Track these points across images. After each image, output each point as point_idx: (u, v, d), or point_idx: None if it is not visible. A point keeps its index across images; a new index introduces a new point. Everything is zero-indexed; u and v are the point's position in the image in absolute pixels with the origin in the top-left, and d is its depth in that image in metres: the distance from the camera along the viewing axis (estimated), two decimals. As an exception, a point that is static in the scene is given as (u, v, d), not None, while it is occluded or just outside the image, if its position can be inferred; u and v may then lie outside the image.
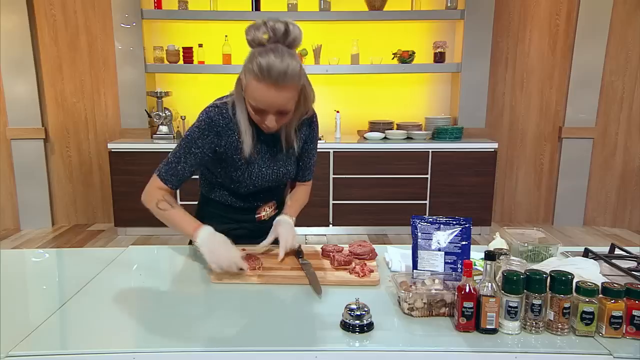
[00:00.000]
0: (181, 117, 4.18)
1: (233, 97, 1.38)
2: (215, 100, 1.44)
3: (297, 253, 1.41)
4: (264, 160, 1.47)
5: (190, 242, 1.61)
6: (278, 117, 1.31)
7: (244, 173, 1.44)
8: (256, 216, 1.56)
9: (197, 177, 1.61)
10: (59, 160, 4.30)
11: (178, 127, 4.18)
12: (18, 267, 1.50)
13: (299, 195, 1.62)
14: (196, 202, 1.69)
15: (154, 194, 1.43)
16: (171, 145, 3.86)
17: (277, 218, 1.48)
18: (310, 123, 1.55)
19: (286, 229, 1.42)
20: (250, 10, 4.00)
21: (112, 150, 3.88)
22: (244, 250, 1.39)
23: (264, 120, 1.32)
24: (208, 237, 1.31)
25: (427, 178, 3.95)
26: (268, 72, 1.21)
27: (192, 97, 4.27)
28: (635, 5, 3.99)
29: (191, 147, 1.39)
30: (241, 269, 1.28)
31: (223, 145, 1.40)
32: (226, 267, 1.25)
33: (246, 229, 1.56)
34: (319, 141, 1.70)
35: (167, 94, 4.07)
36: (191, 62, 4.09)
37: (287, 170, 1.52)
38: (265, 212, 1.56)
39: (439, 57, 4.12)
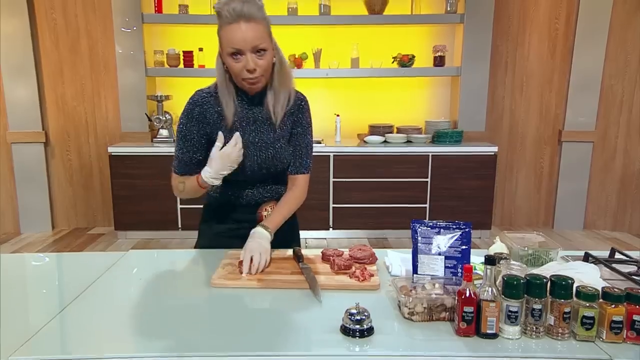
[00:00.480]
0: (181, 120, 4.18)
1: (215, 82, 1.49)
2: None
3: (297, 257, 1.41)
4: (253, 142, 1.49)
5: (197, 247, 1.65)
6: (257, 57, 1.36)
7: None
8: (257, 214, 1.56)
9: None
10: (59, 163, 4.30)
11: (178, 131, 4.18)
12: (18, 271, 1.50)
13: (289, 199, 1.56)
14: (201, 206, 1.69)
15: (175, 184, 1.55)
16: (171, 149, 3.85)
17: (253, 230, 1.43)
18: (298, 107, 1.55)
19: (256, 243, 1.37)
20: (251, 14, 4.01)
21: (113, 153, 3.88)
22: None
23: (245, 65, 1.35)
24: (206, 169, 1.43)
25: (427, 182, 3.96)
26: (233, 10, 1.31)
27: (192, 101, 4.27)
28: (635, 8, 3.99)
29: (185, 134, 1.48)
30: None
31: (210, 124, 1.47)
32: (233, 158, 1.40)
33: (247, 229, 1.55)
34: (318, 144, 1.71)
35: (167, 97, 4.08)
36: (191, 65, 4.10)
37: (277, 153, 1.51)
38: (266, 211, 1.56)
39: (439, 61, 4.13)
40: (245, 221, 1.54)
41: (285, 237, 1.55)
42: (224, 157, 1.41)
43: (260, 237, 1.39)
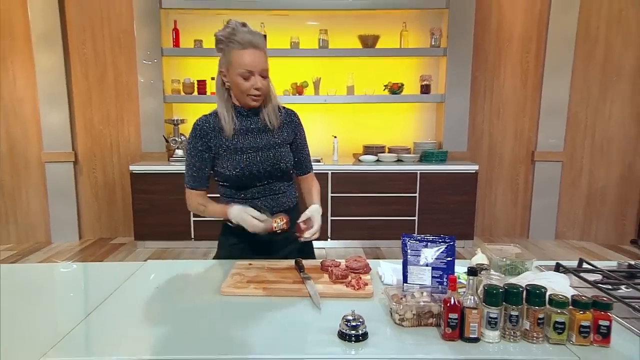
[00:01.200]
0: (196, 142, 4.19)
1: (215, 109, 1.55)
2: None
3: (299, 267, 1.41)
4: (252, 147, 1.52)
5: (216, 257, 1.64)
6: (261, 79, 1.45)
7: (238, 158, 1.50)
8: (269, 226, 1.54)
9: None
10: (86, 180, 4.31)
11: (193, 151, 4.19)
12: (48, 279, 1.50)
13: (312, 185, 1.69)
14: (212, 219, 1.70)
15: (192, 202, 1.60)
16: (187, 167, 3.86)
17: (311, 207, 1.53)
18: (294, 119, 1.63)
19: (318, 215, 1.51)
20: (258, 48, 4.05)
21: (134, 171, 3.89)
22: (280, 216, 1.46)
23: (254, 85, 1.44)
24: (235, 211, 1.47)
25: (416, 197, 3.96)
26: (248, 40, 1.42)
27: (205, 125, 4.29)
28: (594, 45, 4.06)
29: (192, 152, 1.54)
30: (265, 223, 1.42)
31: (212, 139, 1.52)
32: (249, 221, 1.42)
33: (261, 242, 1.55)
34: (318, 162, 1.75)
35: (182, 121, 4.10)
36: (204, 93, 4.13)
37: (277, 153, 1.55)
38: (276, 223, 1.52)
39: (425, 89, 4.17)
40: (257, 233, 1.54)
41: (302, 249, 1.58)
42: (245, 221, 1.44)
43: (318, 212, 1.53)
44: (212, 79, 4.11)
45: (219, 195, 1.63)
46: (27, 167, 4.20)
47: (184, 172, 1.60)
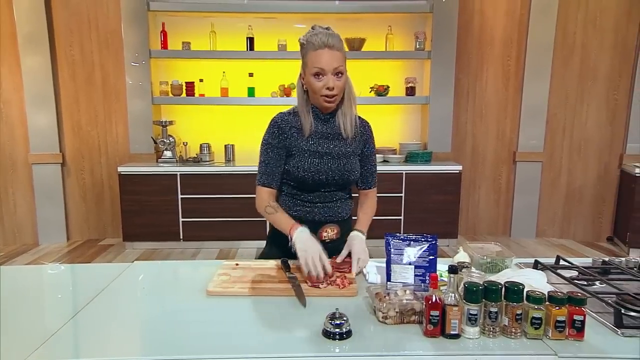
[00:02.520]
0: (183, 143, 4.16)
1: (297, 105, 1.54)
2: None
3: (285, 267, 1.41)
4: (327, 153, 1.50)
5: (263, 257, 1.59)
6: (336, 79, 1.42)
7: (311, 161, 1.48)
8: (318, 234, 1.51)
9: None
10: (74, 182, 4.24)
11: (180, 152, 4.16)
12: (35, 280, 1.47)
13: (367, 209, 1.65)
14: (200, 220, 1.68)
15: (261, 201, 1.52)
16: (175, 169, 3.83)
17: (351, 234, 1.49)
18: (367, 130, 1.62)
19: (359, 245, 1.46)
20: (245, 50, 4.04)
21: (122, 173, 3.84)
22: (334, 259, 1.41)
23: (326, 84, 1.41)
24: (302, 236, 1.38)
25: (402, 196, 3.98)
26: (322, 40, 1.41)
27: (193, 126, 4.27)
28: (571, 52, 4.13)
29: (267, 148, 1.51)
30: (325, 270, 1.30)
31: (289, 138, 1.49)
32: (310, 263, 1.29)
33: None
34: None
35: (171, 122, 4.06)
36: (193, 94, 4.10)
37: (348, 163, 1.52)
38: (326, 232, 1.53)
39: (410, 91, 4.20)
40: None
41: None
42: (308, 249, 1.34)
43: (360, 241, 1.47)
44: (200, 80, 4.10)
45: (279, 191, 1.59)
46: (14, 168, 4.12)
47: (172, 173, 1.58)
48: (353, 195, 1.67)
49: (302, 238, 1.37)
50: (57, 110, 4.07)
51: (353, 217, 1.64)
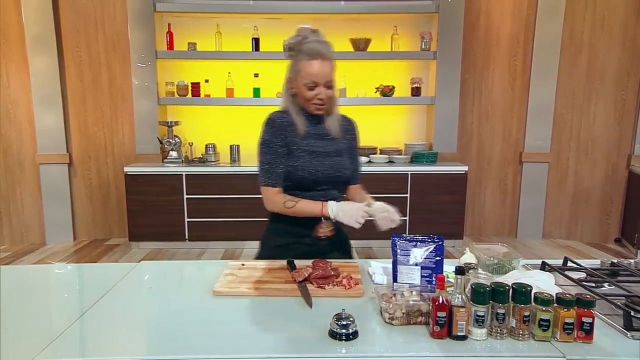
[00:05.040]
0: (189, 143, 4.18)
1: (284, 105, 1.56)
2: None
3: (291, 267, 1.40)
4: (321, 152, 1.53)
5: (258, 257, 1.60)
6: (326, 90, 1.46)
7: (308, 160, 1.50)
8: (315, 230, 1.53)
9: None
10: (80, 182, 4.27)
11: (186, 153, 4.18)
12: (42, 280, 1.48)
13: (362, 193, 1.70)
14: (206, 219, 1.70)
15: (275, 200, 1.52)
16: (180, 169, 3.85)
17: (373, 205, 1.51)
18: (352, 127, 1.66)
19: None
20: (251, 50, 4.05)
21: (128, 173, 3.86)
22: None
23: (317, 95, 1.46)
24: (336, 206, 1.44)
25: (407, 197, 3.97)
26: (315, 50, 1.43)
27: (199, 126, 4.29)
28: (578, 50, 4.10)
29: (268, 146, 1.51)
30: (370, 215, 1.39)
31: (288, 136, 1.51)
32: (357, 219, 1.39)
33: (305, 245, 1.55)
34: None
35: (176, 123, 4.08)
36: (198, 95, 4.11)
37: (340, 161, 1.56)
38: (322, 229, 1.55)
39: (416, 91, 4.18)
40: (303, 236, 1.55)
41: (341, 247, 1.61)
42: (349, 211, 1.43)
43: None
44: (206, 81, 4.11)
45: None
46: (22, 168, 4.16)
47: (178, 173, 1.59)
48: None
49: (336, 209, 1.43)
50: (64, 111, 4.10)
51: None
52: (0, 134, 4.08)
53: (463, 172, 3.96)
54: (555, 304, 1.02)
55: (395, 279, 1.22)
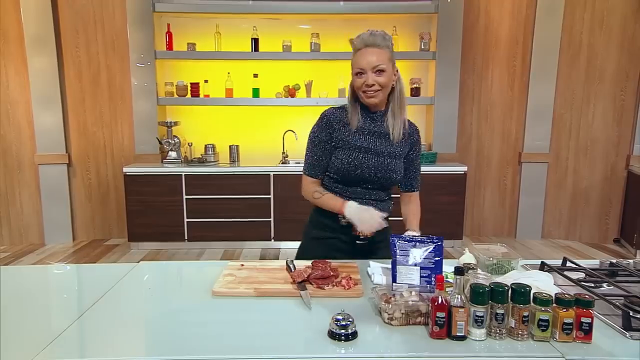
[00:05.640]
0: (188, 143, 4.18)
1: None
2: None
3: (289, 268, 1.40)
4: (371, 149, 1.53)
5: (300, 248, 1.65)
6: (376, 75, 1.46)
7: (355, 155, 1.51)
8: (353, 228, 1.51)
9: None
10: (80, 182, 4.27)
11: (185, 153, 4.18)
12: (41, 280, 1.48)
13: (414, 210, 1.68)
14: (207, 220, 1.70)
15: (308, 188, 1.60)
16: (180, 169, 3.85)
17: (407, 233, 1.52)
18: (415, 134, 1.63)
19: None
20: (250, 50, 4.05)
21: (127, 173, 3.86)
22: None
23: (364, 82, 1.46)
24: (353, 208, 1.47)
25: (406, 197, 3.96)
26: (361, 39, 1.47)
27: (198, 127, 4.29)
28: (577, 51, 4.11)
29: (314, 141, 1.56)
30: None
31: (336, 131, 1.54)
32: (369, 227, 1.43)
33: (341, 242, 1.56)
34: None
35: (176, 123, 4.08)
36: (198, 95, 4.11)
37: (391, 163, 1.54)
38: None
39: (415, 92, 4.19)
40: (341, 233, 1.55)
41: (380, 251, 1.58)
42: (363, 218, 1.46)
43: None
44: (205, 81, 4.11)
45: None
46: (21, 169, 4.15)
47: (177, 173, 1.60)
48: (393, 196, 1.67)
49: (353, 211, 1.46)
50: (64, 111, 4.10)
51: (390, 219, 1.61)
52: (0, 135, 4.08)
53: (462, 172, 3.96)
54: (554, 304, 1.02)
55: (394, 279, 1.22)
